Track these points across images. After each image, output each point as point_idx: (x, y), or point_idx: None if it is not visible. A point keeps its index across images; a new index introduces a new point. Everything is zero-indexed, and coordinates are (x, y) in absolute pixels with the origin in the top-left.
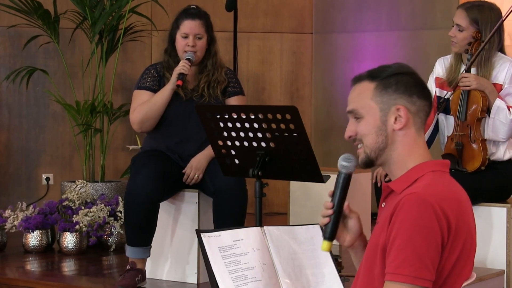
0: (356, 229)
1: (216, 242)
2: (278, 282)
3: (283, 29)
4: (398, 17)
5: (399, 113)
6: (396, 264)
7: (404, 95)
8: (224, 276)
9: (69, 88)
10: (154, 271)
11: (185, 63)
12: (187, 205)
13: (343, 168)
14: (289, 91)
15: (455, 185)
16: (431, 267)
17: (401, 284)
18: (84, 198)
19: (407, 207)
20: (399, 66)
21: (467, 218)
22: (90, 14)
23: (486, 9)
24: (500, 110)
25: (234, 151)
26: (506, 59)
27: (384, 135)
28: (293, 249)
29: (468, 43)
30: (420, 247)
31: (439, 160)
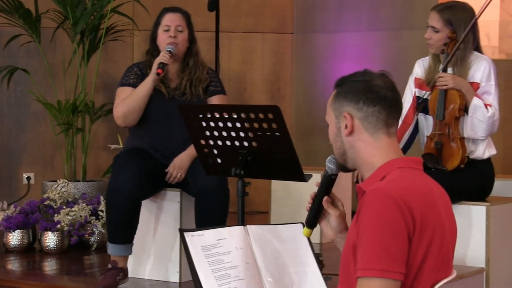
0: (335, 226)
1: (199, 241)
2: (261, 281)
3: (264, 29)
4: (378, 18)
5: (346, 120)
6: (365, 260)
7: (351, 102)
8: (207, 275)
9: (51, 87)
10: (136, 270)
11: (165, 53)
12: (169, 204)
13: (328, 168)
14: (270, 91)
15: (424, 180)
16: (399, 260)
17: (372, 279)
18: (66, 197)
19: (370, 203)
20: (361, 73)
21: (436, 211)
22: (71, 13)
23: (459, 9)
24: (478, 109)
25: (217, 150)
26: (482, 57)
27: (340, 141)
28: (276, 248)
29: (444, 43)
30: (386, 241)
31: (409, 157)
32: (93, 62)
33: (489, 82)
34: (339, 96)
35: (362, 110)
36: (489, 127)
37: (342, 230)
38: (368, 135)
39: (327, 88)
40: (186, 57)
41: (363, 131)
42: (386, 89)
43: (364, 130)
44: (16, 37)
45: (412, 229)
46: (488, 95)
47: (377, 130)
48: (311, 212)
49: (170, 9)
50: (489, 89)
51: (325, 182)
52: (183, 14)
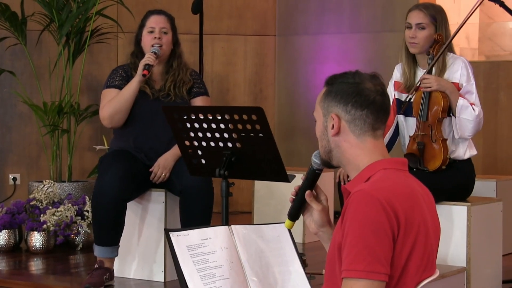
0: (318, 220)
1: (185, 241)
2: (245, 280)
3: (246, 32)
4: (359, 20)
5: (333, 121)
6: (350, 261)
7: (340, 104)
8: (192, 274)
9: (36, 89)
10: (121, 269)
11: (150, 55)
12: (154, 205)
13: (313, 163)
14: (252, 92)
15: (408, 181)
16: (384, 261)
17: (357, 279)
18: (52, 197)
19: (355, 204)
20: (351, 74)
21: (420, 212)
22: (57, 16)
23: (438, 10)
24: (465, 108)
25: (201, 151)
26: (459, 58)
27: (326, 139)
28: (260, 248)
29: (430, 45)
30: (371, 241)
31: (394, 158)
32: (78, 64)
33: (470, 82)
34: (329, 95)
35: (350, 113)
36: (476, 126)
37: (324, 224)
38: (354, 137)
39: (309, 89)
40: (170, 59)
41: (349, 133)
42: (376, 93)
43: (351, 132)
44: (2, 39)
45: (397, 230)
46: (470, 94)
47: (364, 133)
48: (294, 204)
49: (155, 12)
50: (471, 89)
51: (310, 176)
52: (167, 16)
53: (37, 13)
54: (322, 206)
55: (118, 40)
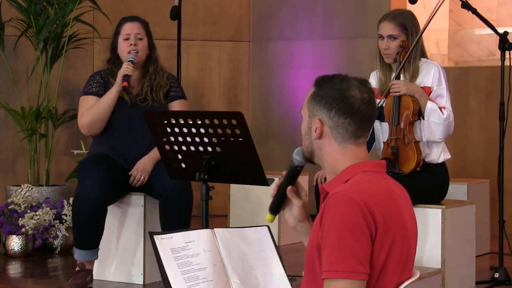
0: (297, 215)
1: (169, 243)
2: (228, 282)
3: (221, 37)
4: (332, 26)
5: (317, 124)
6: (330, 262)
7: (324, 109)
8: (176, 276)
9: (12, 94)
10: (101, 272)
11: (128, 65)
12: (133, 208)
13: (294, 159)
14: (227, 97)
15: (386, 183)
16: (364, 261)
17: (338, 280)
18: (30, 201)
19: (333, 206)
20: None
21: (398, 213)
22: (34, 21)
23: (408, 16)
24: (433, 112)
25: (181, 155)
26: (431, 63)
27: (309, 140)
28: (242, 250)
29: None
30: (350, 242)
31: (372, 160)
32: (55, 69)
33: (441, 86)
34: (315, 98)
35: (333, 120)
36: (446, 129)
37: (303, 219)
38: (335, 143)
39: (283, 95)
40: (146, 64)
41: (331, 139)
42: (361, 101)
43: (333, 138)
44: None
45: (374, 231)
46: (441, 98)
47: (345, 141)
48: (275, 199)
49: (129, 19)
50: (442, 92)
51: (291, 173)
52: (141, 22)
53: (14, 18)
54: (302, 201)
55: (94, 46)
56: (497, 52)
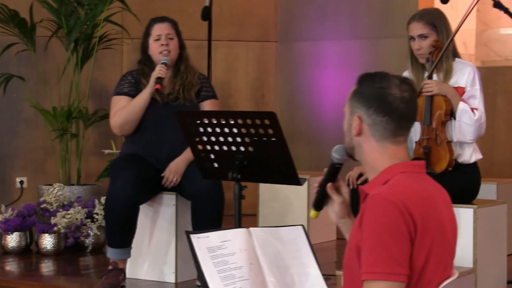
0: (337, 211)
1: (205, 243)
2: (264, 281)
3: (248, 38)
4: (358, 26)
5: (356, 122)
6: (369, 263)
7: (362, 106)
8: (213, 275)
9: (41, 95)
10: (133, 271)
11: (161, 67)
12: (165, 208)
13: (333, 158)
14: (254, 97)
15: (425, 184)
16: (403, 262)
17: (377, 281)
18: (61, 200)
19: (372, 208)
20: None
21: (436, 214)
22: (65, 22)
23: (437, 15)
24: (465, 113)
25: (213, 155)
26: (467, 63)
27: (349, 137)
28: (277, 249)
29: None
30: (389, 244)
31: (412, 161)
32: (84, 70)
33: (474, 87)
34: (355, 95)
35: (371, 118)
36: (477, 130)
37: (344, 216)
38: (374, 141)
39: (310, 95)
40: (177, 63)
41: (370, 136)
42: (400, 100)
43: (371, 135)
44: (12, 45)
45: (414, 232)
46: (474, 99)
47: (383, 139)
48: (317, 196)
49: (158, 19)
50: (475, 93)
51: (330, 170)
52: (170, 22)
53: (45, 19)
54: (343, 198)
55: (122, 46)
56: None
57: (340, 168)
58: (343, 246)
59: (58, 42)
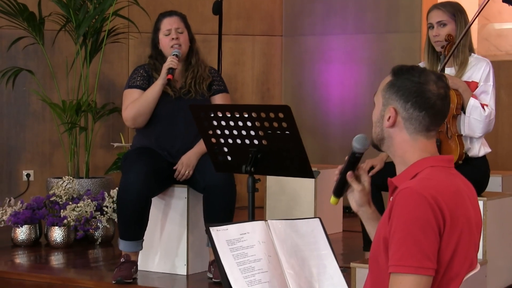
0: (357, 199)
1: (224, 235)
2: (283, 273)
3: (254, 32)
4: (364, 21)
5: (391, 113)
6: (398, 257)
7: (400, 99)
8: (232, 268)
9: (49, 88)
10: (144, 263)
11: (173, 58)
12: (176, 200)
13: (353, 147)
14: (260, 91)
15: (453, 178)
16: (431, 256)
17: (405, 275)
18: (71, 193)
19: (403, 201)
20: (418, 72)
21: (464, 209)
22: (74, 16)
23: (456, 5)
24: (475, 109)
25: (227, 148)
26: (482, 59)
27: (380, 127)
28: (295, 242)
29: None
30: (418, 238)
31: (441, 156)
32: (92, 64)
33: (488, 83)
34: (392, 88)
35: (408, 112)
36: (486, 126)
37: (363, 204)
38: (407, 134)
39: (315, 89)
40: (188, 57)
41: (403, 129)
42: (437, 97)
43: (405, 128)
44: (20, 39)
45: (443, 226)
46: (485, 95)
47: (417, 133)
48: (337, 183)
49: (167, 14)
50: (487, 89)
51: (350, 159)
52: (179, 16)
53: (54, 13)
54: (362, 186)
55: (129, 40)
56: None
57: (360, 158)
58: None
59: (65, 36)
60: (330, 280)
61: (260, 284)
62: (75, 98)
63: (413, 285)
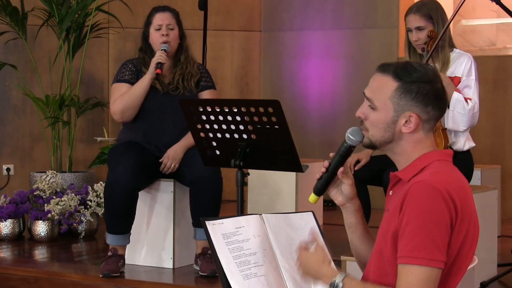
0: (347, 193)
1: (220, 229)
2: (278, 266)
3: (233, 27)
4: (342, 16)
5: (411, 119)
6: (410, 248)
7: (420, 104)
8: (229, 261)
9: (31, 83)
10: (131, 257)
11: (161, 53)
12: (162, 194)
13: (348, 139)
14: (239, 86)
15: (458, 173)
16: (443, 249)
17: (416, 266)
18: (54, 187)
19: (417, 194)
20: (425, 73)
21: (470, 203)
22: (57, 11)
23: (432, 6)
24: (458, 102)
25: (216, 142)
26: (464, 54)
27: (391, 132)
28: (289, 235)
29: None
30: (432, 231)
31: (443, 150)
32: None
33: (470, 77)
34: (407, 94)
35: (429, 114)
36: (470, 120)
37: (353, 197)
38: (422, 134)
39: (293, 83)
40: (177, 53)
41: (420, 130)
42: (444, 93)
43: (421, 129)
44: (2, 34)
45: (454, 220)
46: (468, 89)
47: (430, 130)
48: (324, 180)
49: (160, 9)
50: (470, 83)
51: (344, 152)
52: (172, 12)
53: (36, 8)
54: (352, 180)
55: (109, 35)
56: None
57: (352, 151)
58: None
59: (47, 31)
60: None
61: (256, 277)
62: (57, 93)
63: (424, 277)
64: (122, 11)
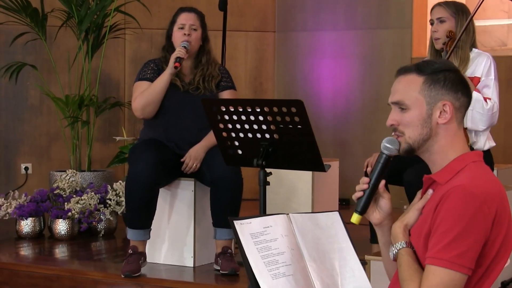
0: (386, 209)
1: (248, 229)
2: (305, 266)
3: (247, 28)
4: (355, 17)
5: (445, 109)
6: (438, 249)
7: (451, 91)
8: (257, 261)
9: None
10: (151, 255)
11: (181, 49)
12: (183, 193)
13: (386, 149)
14: (253, 86)
15: (493, 176)
16: (471, 256)
17: (441, 268)
18: (74, 186)
19: (454, 198)
20: (446, 63)
21: (507, 208)
22: (76, 12)
23: (459, 4)
24: (477, 102)
25: (238, 142)
26: (484, 54)
27: (428, 127)
28: (316, 235)
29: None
30: (462, 235)
31: (475, 151)
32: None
33: (489, 77)
34: (436, 83)
35: (460, 101)
36: (489, 119)
37: (391, 212)
38: (455, 125)
39: (307, 83)
40: (199, 55)
41: (454, 120)
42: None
43: (455, 119)
44: (22, 35)
45: (490, 229)
46: (487, 88)
47: (462, 120)
48: (367, 196)
49: (186, 9)
50: (489, 83)
51: (384, 163)
52: (197, 14)
53: (56, 9)
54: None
55: (125, 35)
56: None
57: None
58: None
59: (65, 31)
60: (351, 272)
61: (285, 277)
62: (75, 93)
63: (446, 280)
64: (138, 12)
